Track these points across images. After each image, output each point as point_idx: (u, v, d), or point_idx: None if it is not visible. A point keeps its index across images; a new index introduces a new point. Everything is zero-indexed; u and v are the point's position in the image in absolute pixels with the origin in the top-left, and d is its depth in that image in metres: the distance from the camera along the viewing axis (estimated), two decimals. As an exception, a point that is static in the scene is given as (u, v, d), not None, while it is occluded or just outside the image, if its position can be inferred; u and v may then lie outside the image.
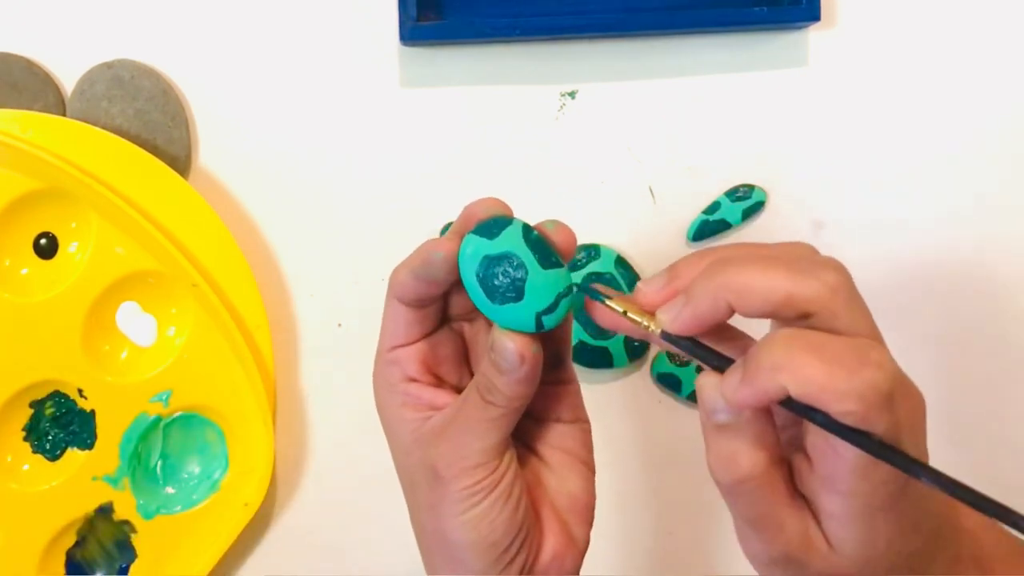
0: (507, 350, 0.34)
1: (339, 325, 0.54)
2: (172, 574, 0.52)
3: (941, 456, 0.55)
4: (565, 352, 0.39)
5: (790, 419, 0.35)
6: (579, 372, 0.53)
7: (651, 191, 0.54)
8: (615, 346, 0.53)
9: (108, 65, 0.52)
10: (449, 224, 0.53)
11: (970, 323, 0.55)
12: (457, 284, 0.36)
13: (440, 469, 0.36)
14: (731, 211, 0.53)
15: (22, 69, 0.52)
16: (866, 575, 0.33)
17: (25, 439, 0.52)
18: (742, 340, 0.35)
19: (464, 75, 0.53)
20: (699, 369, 0.54)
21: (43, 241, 0.52)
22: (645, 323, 0.34)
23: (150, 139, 0.52)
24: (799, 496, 0.33)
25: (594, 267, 0.53)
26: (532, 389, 0.35)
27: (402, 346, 0.37)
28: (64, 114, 0.52)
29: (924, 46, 0.54)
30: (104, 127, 0.51)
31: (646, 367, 0.54)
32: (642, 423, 0.55)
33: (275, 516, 0.54)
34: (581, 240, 0.53)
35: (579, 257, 0.53)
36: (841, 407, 0.29)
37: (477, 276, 0.34)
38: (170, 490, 0.53)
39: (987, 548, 0.36)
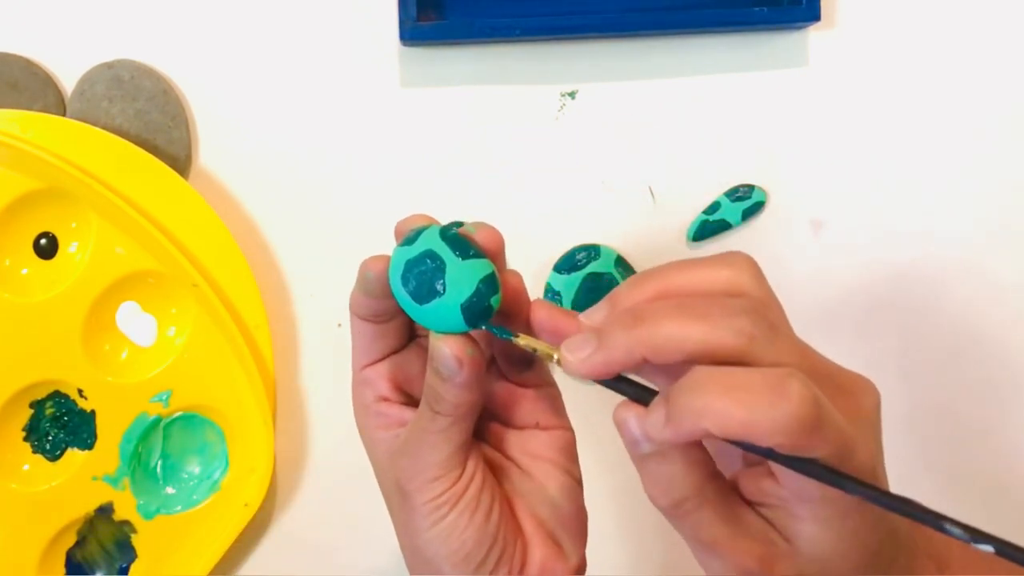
0: (443, 355, 0.34)
1: (339, 325, 0.54)
2: (172, 574, 0.52)
3: (936, 455, 0.55)
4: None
5: None
6: (579, 372, 0.54)
7: (651, 191, 0.54)
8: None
9: (108, 65, 0.52)
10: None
11: (969, 323, 0.55)
12: None
13: (403, 484, 0.35)
14: (731, 211, 0.53)
15: (22, 69, 0.52)
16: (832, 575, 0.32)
17: (25, 439, 0.52)
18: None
19: (464, 75, 0.53)
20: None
21: (43, 241, 0.52)
22: (555, 359, 0.33)
23: (150, 139, 0.52)
24: (745, 504, 0.33)
25: (594, 267, 0.53)
26: (477, 395, 0.35)
27: (371, 364, 0.37)
28: (64, 114, 0.52)
29: (924, 46, 0.54)
30: (104, 127, 0.51)
31: (646, 367, 0.54)
32: (642, 423, 0.55)
33: (275, 516, 0.54)
34: (581, 240, 0.53)
35: (579, 257, 0.53)
36: (769, 442, 0.29)
37: (402, 281, 0.33)
38: (170, 490, 0.53)
39: (940, 544, 0.36)
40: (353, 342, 0.38)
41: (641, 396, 0.33)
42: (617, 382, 0.33)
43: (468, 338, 0.34)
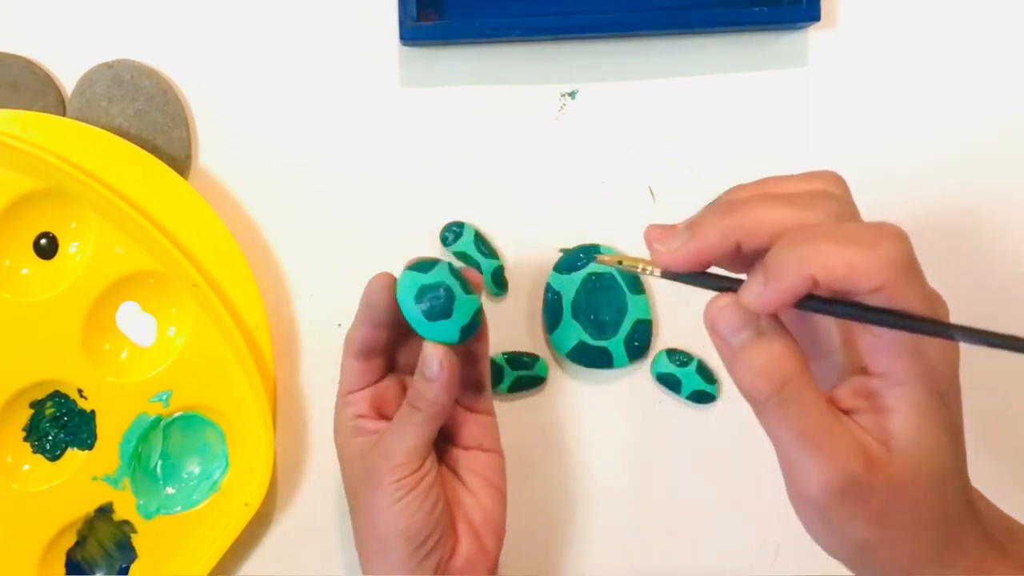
0: (433, 358, 0.43)
1: (339, 325, 0.54)
2: (172, 574, 0.52)
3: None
4: (485, 381, 0.47)
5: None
6: (579, 372, 0.54)
7: (651, 191, 0.54)
8: (615, 346, 0.53)
9: (108, 65, 0.52)
10: (449, 224, 0.53)
11: (971, 322, 0.55)
12: (402, 339, 0.47)
13: (376, 467, 0.44)
14: (731, 211, 0.53)
15: (22, 69, 0.52)
16: (922, 479, 0.33)
17: (25, 439, 0.52)
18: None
19: (464, 75, 0.53)
20: (696, 367, 0.54)
21: (43, 241, 0.52)
22: (640, 267, 0.37)
23: (150, 139, 0.52)
24: (840, 412, 0.34)
25: (594, 267, 0.53)
26: (450, 398, 0.44)
27: (355, 391, 0.46)
28: (64, 114, 0.52)
29: (924, 46, 0.54)
30: (104, 127, 0.51)
31: (646, 367, 0.54)
32: (642, 423, 0.55)
33: (275, 516, 0.54)
34: (581, 240, 0.53)
35: (579, 257, 0.53)
36: (871, 282, 0.30)
37: (415, 300, 0.43)
38: (170, 490, 0.53)
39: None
40: (341, 375, 0.47)
41: (735, 286, 0.33)
42: (705, 277, 0.34)
43: (451, 349, 0.44)
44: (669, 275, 0.35)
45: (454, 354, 0.44)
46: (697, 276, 0.34)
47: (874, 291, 0.31)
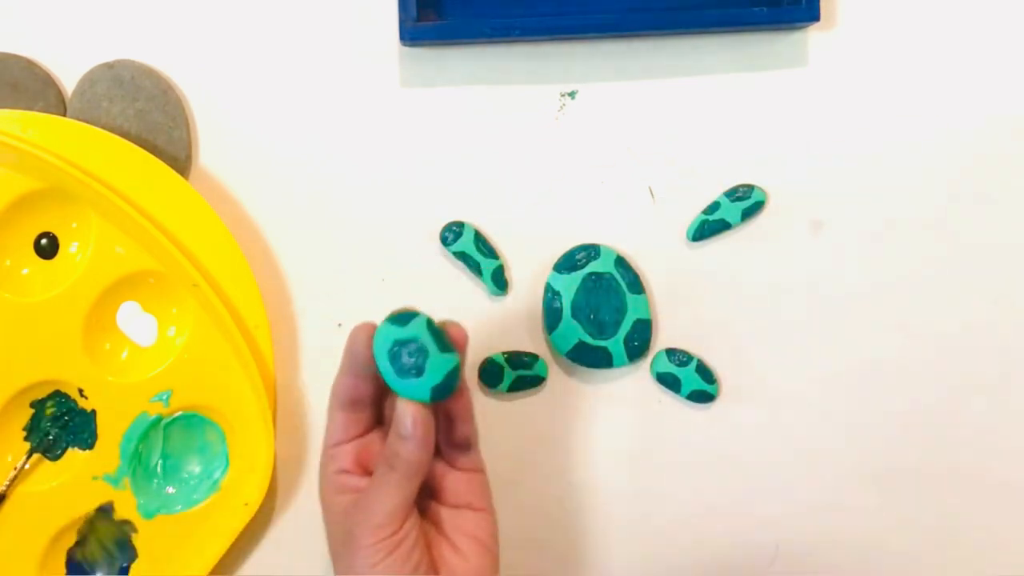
0: (406, 416, 0.42)
1: (339, 325, 0.54)
2: (172, 574, 0.52)
3: (937, 454, 0.55)
4: (473, 439, 0.45)
5: None
6: (579, 372, 0.54)
7: (651, 191, 0.54)
8: (615, 346, 0.53)
9: (109, 65, 0.52)
10: (449, 224, 0.53)
11: (970, 324, 0.55)
12: (388, 392, 0.45)
13: (353, 530, 0.43)
14: (731, 211, 0.53)
15: (22, 69, 0.52)
16: None
17: (26, 439, 0.52)
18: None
19: (464, 75, 0.53)
20: (698, 370, 0.54)
21: (44, 241, 0.52)
22: None
23: (150, 139, 0.52)
24: None
25: (594, 267, 0.53)
26: (427, 455, 0.43)
27: (340, 444, 0.45)
28: (64, 114, 0.52)
29: (924, 46, 0.54)
30: (104, 127, 0.51)
31: (646, 367, 0.54)
32: (642, 422, 0.55)
33: (275, 516, 0.54)
34: (582, 240, 0.53)
35: (579, 257, 0.53)
36: None
37: (388, 354, 0.42)
38: (170, 490, 0.53)
39: None
40: (327, 427, 0.46)
41: None
42: None
43: (425, 408, 0.42)
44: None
45: (429, 412, 0.43)
46: None
47: None
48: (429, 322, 0.42)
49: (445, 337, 0.43)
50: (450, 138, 0.54)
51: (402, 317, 0.42)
